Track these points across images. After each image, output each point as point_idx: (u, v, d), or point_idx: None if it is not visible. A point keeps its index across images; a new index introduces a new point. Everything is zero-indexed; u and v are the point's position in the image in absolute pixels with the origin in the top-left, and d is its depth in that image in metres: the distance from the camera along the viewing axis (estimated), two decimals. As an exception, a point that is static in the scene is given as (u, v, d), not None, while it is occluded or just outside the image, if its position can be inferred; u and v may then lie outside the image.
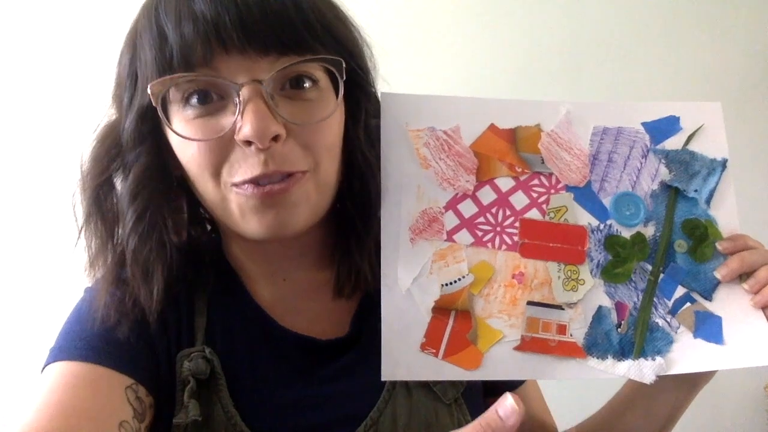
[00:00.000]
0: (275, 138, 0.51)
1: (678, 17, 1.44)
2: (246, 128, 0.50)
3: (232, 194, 0.54)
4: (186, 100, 0.52)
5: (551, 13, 1.42)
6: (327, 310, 0.63)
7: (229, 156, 0.52)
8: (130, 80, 0.55)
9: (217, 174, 0.53)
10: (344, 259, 0.62)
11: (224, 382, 0.55)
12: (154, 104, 0.52)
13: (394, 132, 0.61)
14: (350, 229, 0.61)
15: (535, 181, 0.63)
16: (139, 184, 0.54)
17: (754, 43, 1.46)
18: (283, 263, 0.62)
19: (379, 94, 0.62)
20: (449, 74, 1.40)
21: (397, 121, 0.61)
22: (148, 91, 0.51)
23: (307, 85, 0.54)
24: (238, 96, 0.50)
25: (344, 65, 0.54)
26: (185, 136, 0.52)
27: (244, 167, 0.52)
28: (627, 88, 1.39)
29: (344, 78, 0.55)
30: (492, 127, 0.63)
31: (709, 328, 0.61)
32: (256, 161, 0.51)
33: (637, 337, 0.61)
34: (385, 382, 0.58)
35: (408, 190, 0.61)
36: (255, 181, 0.52)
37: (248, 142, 0.51)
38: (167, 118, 0.53)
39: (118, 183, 0.57)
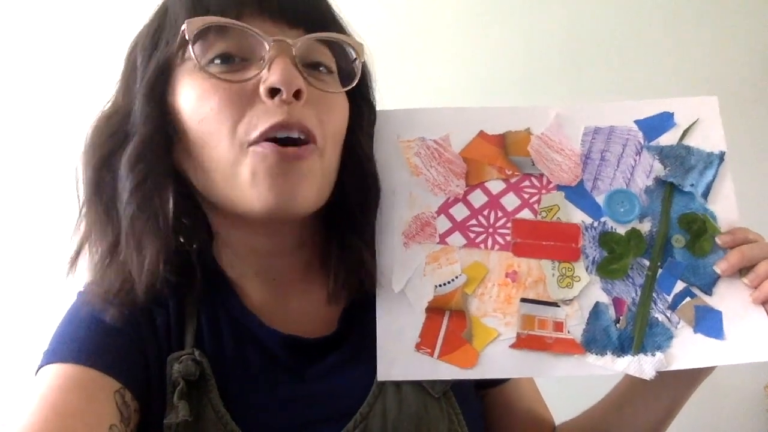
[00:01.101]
0: (297, 94, 0.53)
1: (678, 16, 1.42)
2: (274, 76, 0.52)
3: (247, 156, 0.53)
4: (209, 60, 0.54)
5: (551, 13, 1.43)
6: (315, 309, 0.64)
7: (249, 110, 0.53)
8: (150, 47, 0.56)
9: (233, 132, 0.53)
10: (342, 256, 0.62)
11: (214, 384, 0.56)
12: (188, 37, 0.52)
13: (386, 145, 0.65)
14: (348, 224, 0.62)
15: (526, 183, 0.65)
16: (144, 147, 0.54)
17: (755, 42, 1.42)
18: (272, 260, 0.63)
19: (375, 102, 0.65)
20: (449, 76, 1.43)
21: (389, 134, 0.65)
22: (183, 26, 0.52)
23: (322, 69, 0.58)
24: (267, 51, 0.53)
25: (363, 49, 0.59)
26: (212, 73, 0.53)
27: (265, 118, 0.53)
28: (628, 88, 1.37)
29: (362, 60, 0.59)
30: (481, 134, 0.65)
31: (709, 322, 0.60)
32: (278, 112, 0.53)
33: (636, 333, 0.61)
34: (374, 377, 0.60)
35: (400, 198, 0.64)
36: (276, 129, 0.53)
37: (272, 93, 0.52)
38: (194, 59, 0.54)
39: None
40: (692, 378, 0.61)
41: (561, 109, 0.66)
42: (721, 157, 0.64)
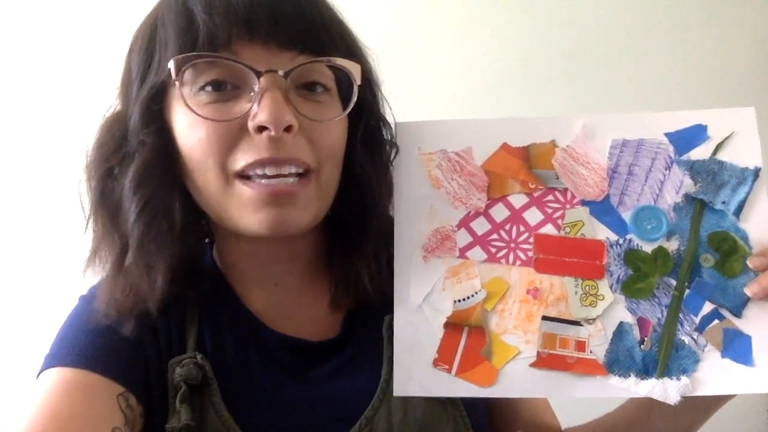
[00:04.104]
0: (288, 129, 0.52)
1: (683, 18, 1.39)
2: (262, 114, 0.51)
3: (234, 187, 0.54)
4: (200, 87, 0.53)
5: (555, 14, 1.41)
6: (318, 313, 0.64)
7: (238, 144, 0.53)
8: (144, 63, 0.55)
9: (221, 162, 0.53)
10: (342, 269, 0.63)
11: (216, 387, 0.56)
12: (173, 77, 0.52)
13: (407, 157, 0.64)
14: (347, 237, 0.62)
15: (550, 197, 0.63)
16: (146, 170, 0.54)
17: (761, 42, 1.37)
18: (275, 267, 0.63)
19: (383, 109, 0.64)
20: (452, 79, 1.42)
21: (409, 146, 0.64)
22: (169, 65, 0.51)
23: (319, 89, 0.56)
24: (258, 83, 0.52)
25: (361, 70, 0.57)
26: (199, 114, 0.52)
27: (253, 152, 0.52)
28: (632, 89, 1.36)
29: (359, 83, 0.57)
30: (504, 146, 0.64)
31: (737, 347, 0.58)
32: (265, 148, 0.52)
33: (661, 355, 0.59)
34: (378, 380, 0.59)
35: (420, 211, 0.63)
36: (264, 164, 0.52)
37: (261, 129, 0.52)
38: (182, 98, 0.53)
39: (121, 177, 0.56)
40: (713, 403, 0.59)
41: (588, 119, 0.64)
42: (756, 173, 0.61)
